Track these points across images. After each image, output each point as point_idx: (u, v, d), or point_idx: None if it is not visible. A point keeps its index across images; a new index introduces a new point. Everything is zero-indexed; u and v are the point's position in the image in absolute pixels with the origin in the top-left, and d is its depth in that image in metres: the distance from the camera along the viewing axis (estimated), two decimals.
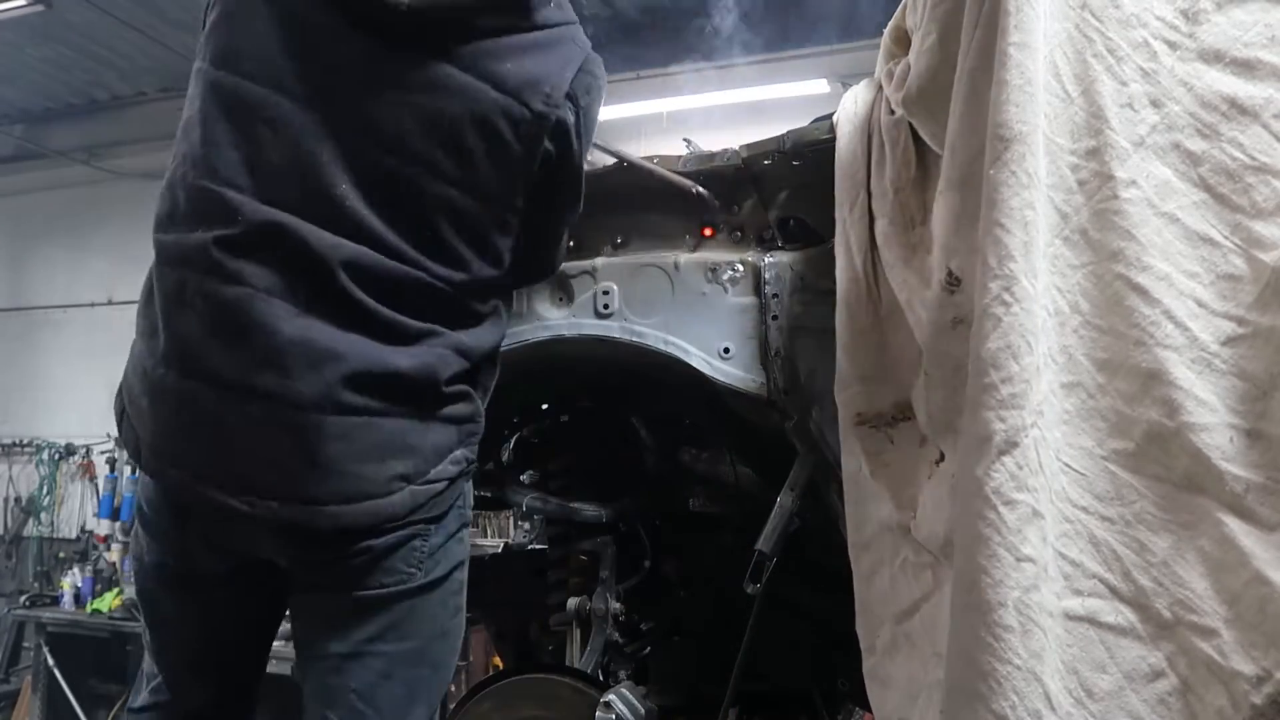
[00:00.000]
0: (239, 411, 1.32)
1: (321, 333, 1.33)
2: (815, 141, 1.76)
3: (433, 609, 1.46)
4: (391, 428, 1.38)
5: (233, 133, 1.35)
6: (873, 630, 1.54)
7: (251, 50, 1.37)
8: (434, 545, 1.44)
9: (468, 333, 1.46)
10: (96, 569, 6.83)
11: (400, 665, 1.42)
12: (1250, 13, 1.30)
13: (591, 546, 2.23)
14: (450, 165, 1.37)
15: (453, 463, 1.44)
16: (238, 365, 1.32)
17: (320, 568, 1.41)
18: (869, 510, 1.56)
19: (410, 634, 1.43)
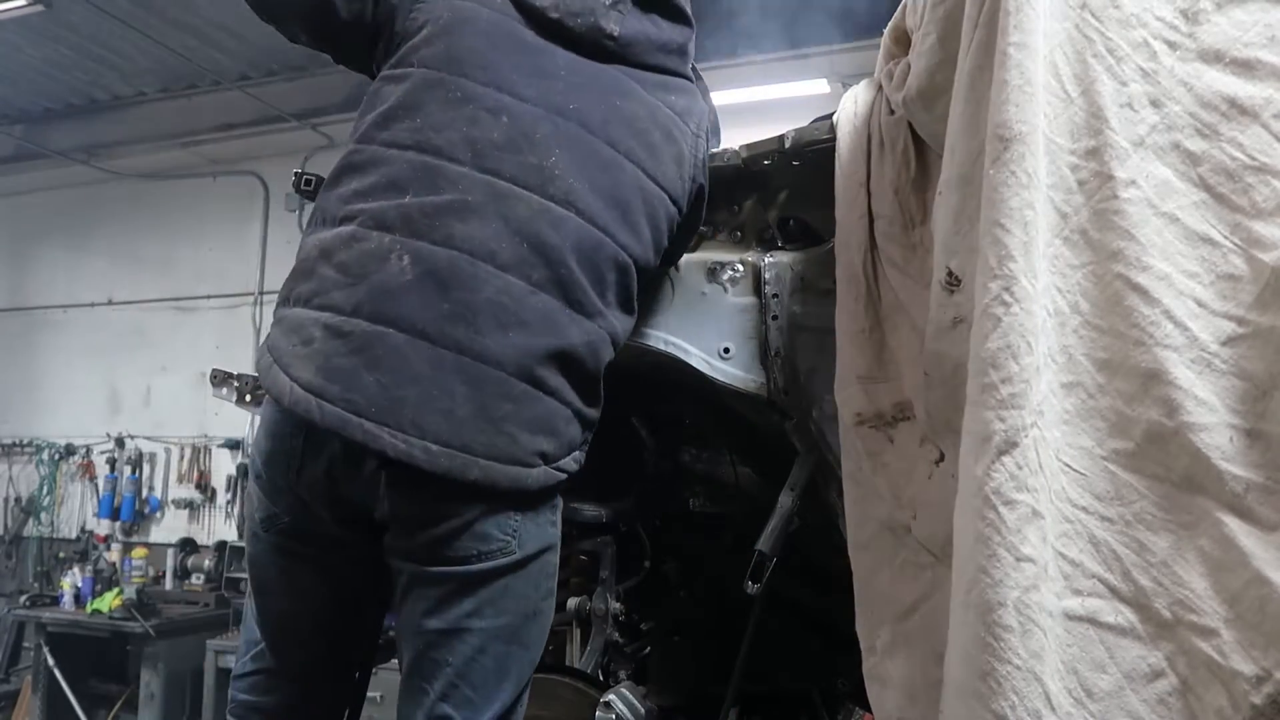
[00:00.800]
0: (427, 355, 1.41)
1: (517, 299, 1.47)
2: (815, 141, 1.76)
3: (525, 588, 1.50)
4: (549, 406, 1.49)
5: (455, 119, 1.53)
6: (873, 630, 1.54)
7: (469, 57, 1.58)
8: (527, 518, 1.49)
9: (622, 320, 1.61)
10: (96, 569, 6.83)
11: (494, 641, 1.47)
12: (1250, 13, 1.30)
13: (591, 546, 2.23)
14: (643, 154, 1.61)
15: (574, 460, 1.54)
16: (434, 316, 1.42)
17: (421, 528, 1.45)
18: (869, 510, 1.56)
19: (505, 610, 1.48)
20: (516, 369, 1.45)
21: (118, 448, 7.88)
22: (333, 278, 1.46)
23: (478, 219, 1.47)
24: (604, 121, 1.59)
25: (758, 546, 1.80)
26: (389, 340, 1.41)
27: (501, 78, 1.56)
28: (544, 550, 1.53)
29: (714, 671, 2.21)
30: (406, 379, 1.40)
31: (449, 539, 1.44)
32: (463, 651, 1.46)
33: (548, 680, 2.12)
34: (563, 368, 1.49)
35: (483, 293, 1.44)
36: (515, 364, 1.44)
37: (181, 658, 6.10)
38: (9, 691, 6.78)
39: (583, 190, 1.53)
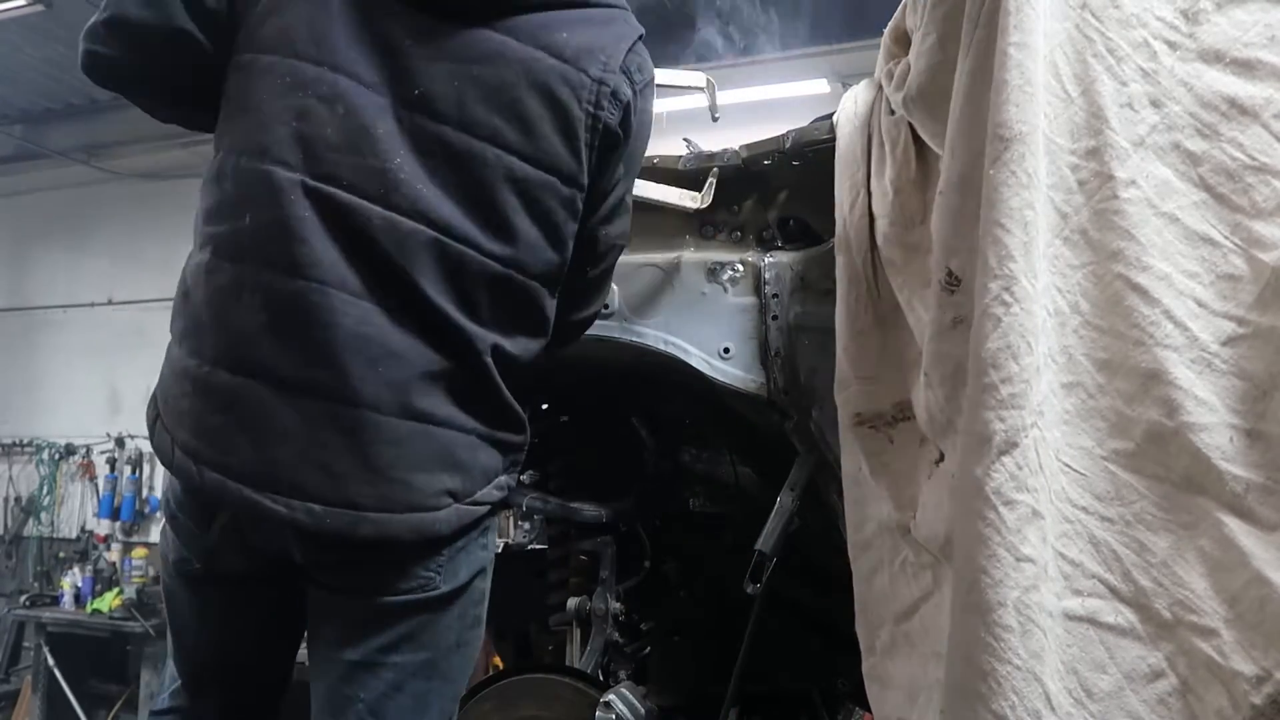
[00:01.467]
0: (293, 408, 1.27)
1: (380, 328, 1.29)
2: (815, 141, 1.76)
3: (450, 620, 1.40)
4: (445, 439, 1.33)
5: (284, 110, 1.30)
6: (873, 630, 1.54)
7: (303, 33, 1.33)
8: (455, 549, 1.38)
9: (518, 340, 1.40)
10: (96, 569, 6.84)
11: (412, 678, 1.36)
12: (1250, 13, 1.30)
13: (591, 546, 2.23)
14: (513, 134, 1.33)
15: (497, 488, 1.41)
16: (293, 362, 1.27)
17: (342, 571, 1.36)
18: (869, 510, 1.56)
19: (425, 645, 1.37)
20: (395, 407, 1.29)
21: (118, 448, 7.88)
22: (195, 316, 1.34)
23: (319, 239, 1.27)
24: (458, 103, 1.32)
25: (758, 546, 1.80)
26: (252, 394, 1.27)
27: (338, 56, 1.32)
28: (473, 578, 1.41)
29: (714, 671, 2.21)
30: (276, 437, 1.27)
31: (366, 573, 1.36)
32: (376, 687, 1.34)
33: (548, 680, 2.12)
34: (452, 393, 1.33)
35: (341, 326, 1.26)
36: (392, 402, 1.29)
37: None
38: (9, 691, 6.78)
39: (433, 197, 1.30)
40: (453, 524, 1.34)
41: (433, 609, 1.37)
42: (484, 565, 1.45)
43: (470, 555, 1.41)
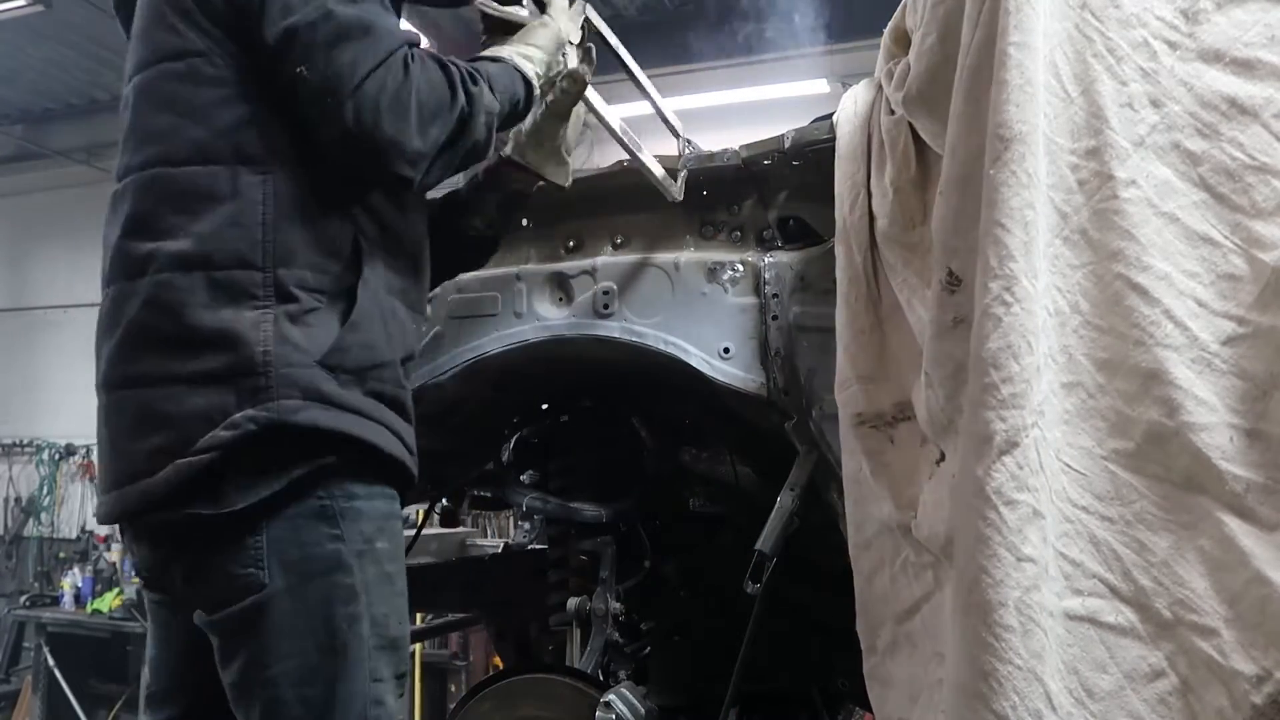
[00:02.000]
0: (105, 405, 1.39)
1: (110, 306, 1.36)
2: (815, 141, 1.76)
3: (304, 621, 1.29)
4: (145, 397, 1.29)
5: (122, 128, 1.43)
6: (873, 630, 1.54)
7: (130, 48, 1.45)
8: (276, 540, 1.28)
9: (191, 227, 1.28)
10: (96, 569, 6.84)
11: (291, 687, 1.29)
12: (1250, 13, 1.30)
13: (591, 546, 2.23)
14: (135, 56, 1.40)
15: (229, 427, 1.24)
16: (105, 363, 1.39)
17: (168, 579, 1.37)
18: (869, 510, 1.56)
19: (287, 652, 1.29)
20: (112, 379, 1.33)
21: None
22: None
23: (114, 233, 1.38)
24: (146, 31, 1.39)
25: (758, 546, 1.80)
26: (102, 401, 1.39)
27: (130, 60, 1.42)
28: (319, 575, 1.30)
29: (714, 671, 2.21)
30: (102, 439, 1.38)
31: (197, 584, 1.32)
32: (262, 704, 1.30)
33: (548, 680, 2.12)
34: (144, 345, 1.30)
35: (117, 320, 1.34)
36: (112, 376, 1.33)
37: None
38: (9, 691, 6.78)
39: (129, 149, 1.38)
40: (172, 482, 1.25)
41: (276, 610, 1.29)
42: (338, 560, 1.31)
43: (308, 548, 1.30)
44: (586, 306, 1.92)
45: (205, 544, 1.29)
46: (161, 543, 1.35)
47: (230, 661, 1.32)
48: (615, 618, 2.18)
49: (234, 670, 1.32)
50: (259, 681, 1.30)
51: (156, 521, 1.32)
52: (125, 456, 1.31)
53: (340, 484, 1.32)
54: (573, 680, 2.10)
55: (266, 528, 1.28)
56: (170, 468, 1.25)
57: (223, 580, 1.29)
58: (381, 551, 1.36)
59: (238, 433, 1.24)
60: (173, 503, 1.27)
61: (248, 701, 1.32)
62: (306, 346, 1.29)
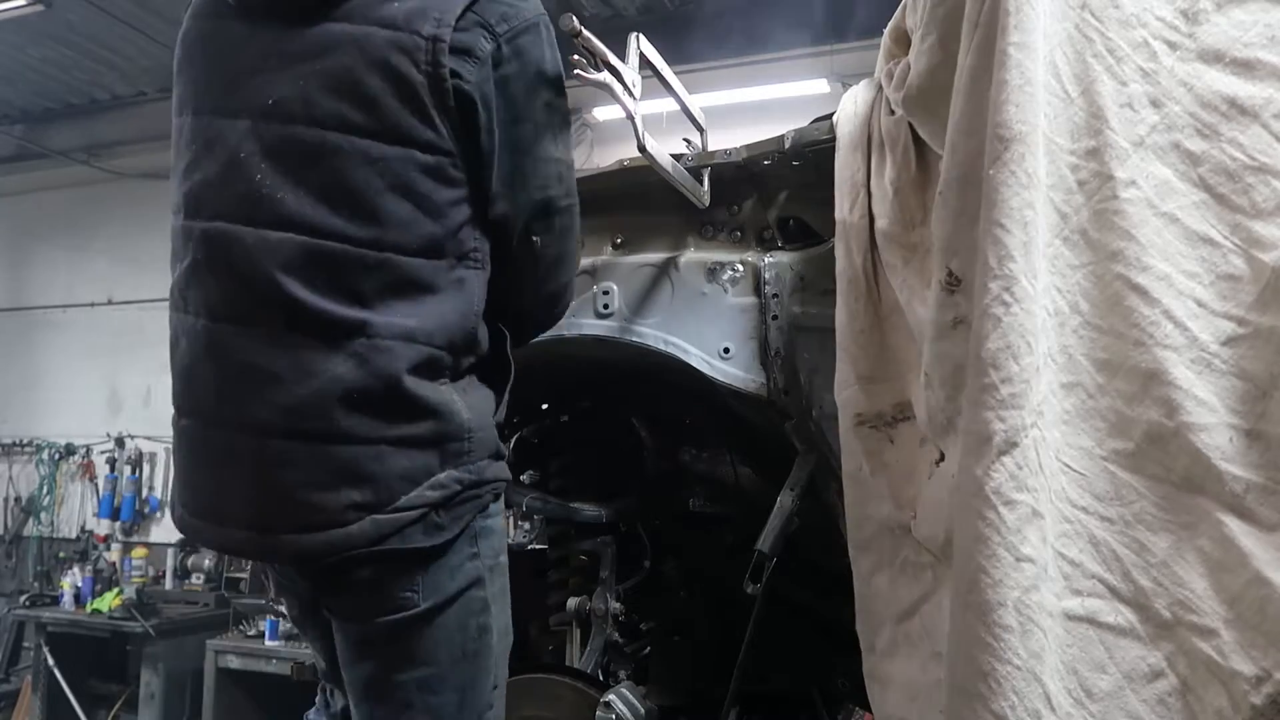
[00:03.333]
0: (218, 442, 1.37)
1: (261, 353, 1.33)
2: (815, 141, 1.76)
3: (446, 634, 1.40)
4: (344, 454, 1.33)
5: (188, 167, 1.41)
6: (873, 630, 1.54)
7: (191, 88, 1.45)
8: (437, 565, 1.39)
9: (415, 310, 1.35)
10: (96, 569, 6.83)
11: (420, 694, 1.39)
12: (1250, 13, 1.30)
13: (591, 546, 2.23)
14: (359, 116, 1.33)
15: (434, 488, 1.34)
16: (210, 399, 1.38)
17: (333, 595, 1.42)
18: (869, 510, 1.56)
19: (426, 661, 1.39)
20: (287, 430, 1.32)
21: (118, 448, 7.87)
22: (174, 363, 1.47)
23: (212, 277, 1.37)
24: (305, 101, 1.34)
25: (758, 546, 1.80)
26: (195, 433, 1.40)
27: (213, 99, 1.41)
28: (462, 591, 1.41)
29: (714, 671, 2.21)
30: (210, 470, 1.39)
31: (352, 597, 1.40)
32: (387, 706, 1.39)
33: (548, 680, 2.12)
34: (348, 404, 1.32)
35: (234, 358, 1.34)
36: (284, 426, 1.32)
37: (181, 658, 6.09)
38: (9, 691, 6.78)
39: (295, 201, 1.33)
40: (370, 535, 1.32)
41: (421, 626, 1.38)
42: (477, 575, 1.43)
43: (456, 569, 1.40)
44: (586, 306, 1.92)
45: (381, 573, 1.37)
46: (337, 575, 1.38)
47: (364, 661, 1.41)
48: (615, 618, 2.18)
49: (366, 670, 1.41)
50: (388, 685, 1.39)
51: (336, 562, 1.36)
52: (306, 507, 1.33)
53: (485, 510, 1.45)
54: (573, 680, 2.10)
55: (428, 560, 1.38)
56: (368, 521, 1.32)
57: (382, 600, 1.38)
58: (502, 565, 1.50)
59: (445, 493, 1.36)
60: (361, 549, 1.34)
61: (375, 700, 1.40)
62: (486, 410, 1.45)
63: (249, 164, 1.35)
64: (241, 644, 5.76)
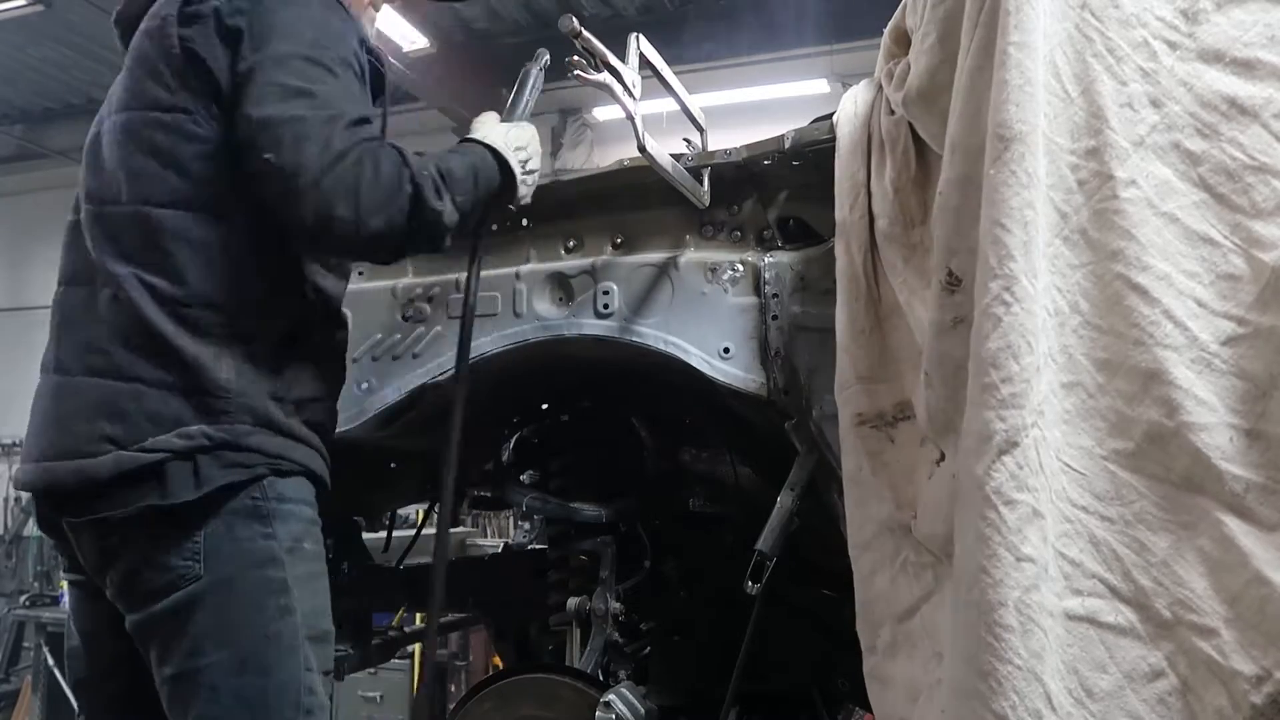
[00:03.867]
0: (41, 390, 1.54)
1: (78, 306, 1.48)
2: (815, 141, 1.76)
3: (243, 611, 1.39)
4: (109, 389, 1.41)
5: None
6: (873, 630, 1.54)
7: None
8: (212, 535, 1.39)
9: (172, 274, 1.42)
10: None
11: (226, 675, 1.38)
12: (1250, 13, 1.30)
13: (591, 546, 2.23)
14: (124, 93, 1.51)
15: (182, 436, 1.38)
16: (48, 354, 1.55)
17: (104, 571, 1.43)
18: (869, 510, 1.56)
19: (224, 642, 1.38)
20: (79, 367, 1.45)
21: None
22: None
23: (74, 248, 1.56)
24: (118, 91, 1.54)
25: (758, 546, 1.80)
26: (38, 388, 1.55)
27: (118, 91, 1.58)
28: (251, 568, 1.40)
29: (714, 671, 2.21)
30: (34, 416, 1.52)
31: (132, 577, 1.40)
32: (199, 692, 1.38)
33: (548, 680, 2.12)
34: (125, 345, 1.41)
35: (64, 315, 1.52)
36: (77, 362, 1.45)
37: None
38: (9, 691, 6.77)
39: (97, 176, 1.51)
40: (110, 468, 1.37)
41: (211, 602, 1.38)
42: (271, 555, 1.42)
43: (242, 543, 1.40)
44: (586, 306, 1.92)
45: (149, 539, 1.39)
46: (107, 537, 1.42)
47: (165, 660, 1.40)
48: (615, 618, 2.18)
49: (171, 662, 1.39)
50: (193, 669, 1.38)
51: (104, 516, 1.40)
52: (66, 435, 1.43)
53: (273, 488, 1.44)
54: (573, 680, 2.10)
55: (205, 525, 1.39)
56: (112, 456, 1.38)
57: (159, 573, 1.39)
58: (309, 551, 1.48)
59: (190, 443, 1.39)
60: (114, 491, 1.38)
61: (184, 697, 1.39)
62: (261, 380, 1.45)
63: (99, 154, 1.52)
64: None
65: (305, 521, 1.48)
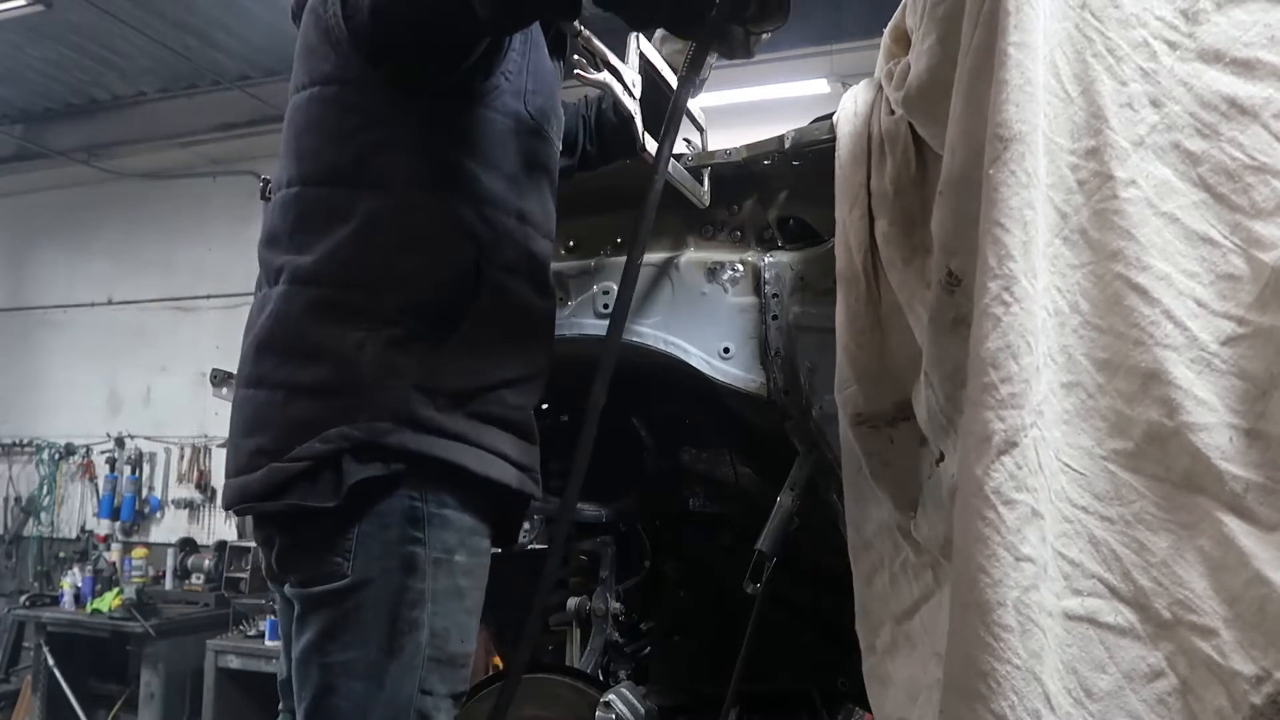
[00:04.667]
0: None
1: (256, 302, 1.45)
2: (815, 141, 1.76)
3: (373, 616, 1.33)
4: (258, 400, 1.38)
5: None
6: (873, 630, 1.54)
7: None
8: (365, 535, 1.33)
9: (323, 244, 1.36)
10: (96, 569, 6.84)
11: (345, 678, 1.33)
12: (1250, 13, 1.30)
13: (591, 546, 2.23)
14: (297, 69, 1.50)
15: (324, 441, 1.31)
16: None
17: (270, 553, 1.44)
18: (869, 510, 1.56)
19: (351, 644, 1.33)
20: (244, 380, 1.42)
21: (118, 448, 7.89)
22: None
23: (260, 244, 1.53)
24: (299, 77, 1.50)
25: (758, 546, 1.80)
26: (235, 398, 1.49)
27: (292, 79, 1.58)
28: (391, 573, 1.34)
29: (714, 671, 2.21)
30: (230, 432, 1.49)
31: (285, 555, 1.40)
32: (312, 686, 1.35)
33: (548, 680, 2.12)
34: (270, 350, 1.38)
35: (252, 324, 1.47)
36: (243, 377, 1.43)
37: (181, 658, 6.10)
38: (9, 691, 6.78)
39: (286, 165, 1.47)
40: (263, 483, 1.34)
41: (350, 601, 1.33)
42: (415, 564, 1.35)
43: (389, 546, 1.34)
44: (586, 306, 1.92)
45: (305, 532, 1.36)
46: (266, 528, 1.43)
47: (300, 635, 1.37)
48: (615, 618, 2.18)
49: (300, 645, 1.37)
50: (316, 664, 1.35)
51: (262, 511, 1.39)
52: (236, 452, 1.41)
53: (436, 492, 1.36)
54: (573, 680, 2.10)
55: (360, 523, 1.34)
56: (264, 471, 1.34)
57: (314, 563, 1.35)
58: (459, 565, 1.39)
59: (330, 447, 1.31)
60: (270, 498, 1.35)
61: (302, 679, 1.37)
62: (404, 369, 1.34)
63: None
64: (241, 644, 5.77)
65: (464, 531, 1.40)
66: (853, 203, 1.62)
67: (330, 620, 1.34)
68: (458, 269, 1.39)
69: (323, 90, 1.43)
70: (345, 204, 1.37)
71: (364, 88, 1.40)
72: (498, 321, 1.43)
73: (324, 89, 1.43)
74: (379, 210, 1.36)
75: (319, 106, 1.43)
